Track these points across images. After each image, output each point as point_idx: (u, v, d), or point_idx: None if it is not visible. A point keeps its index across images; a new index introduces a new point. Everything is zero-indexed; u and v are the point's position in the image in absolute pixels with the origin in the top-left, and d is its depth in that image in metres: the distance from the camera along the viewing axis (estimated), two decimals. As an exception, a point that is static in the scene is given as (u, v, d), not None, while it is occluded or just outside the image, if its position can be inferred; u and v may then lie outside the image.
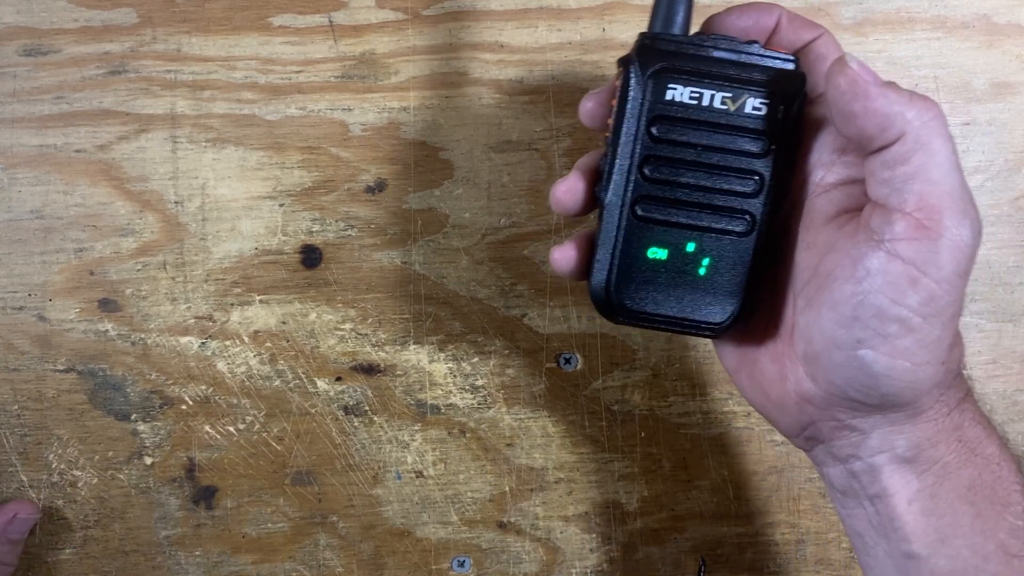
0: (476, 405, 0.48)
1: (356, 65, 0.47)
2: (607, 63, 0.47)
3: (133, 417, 0.48)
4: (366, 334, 0.48)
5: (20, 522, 0.46)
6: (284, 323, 0.48)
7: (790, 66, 0.34)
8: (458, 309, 0.48)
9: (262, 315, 0.48)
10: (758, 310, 0.36)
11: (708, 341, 0.45)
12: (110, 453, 0.48)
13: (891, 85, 0.31)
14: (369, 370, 0.48)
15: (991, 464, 0.33)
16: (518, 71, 0.47)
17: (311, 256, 0.48)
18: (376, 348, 0.48)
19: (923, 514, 0.32)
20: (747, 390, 0.37)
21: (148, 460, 0.48)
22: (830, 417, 0.33)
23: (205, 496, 0.48)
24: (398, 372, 0.48)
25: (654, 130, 0.34)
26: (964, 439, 0.33)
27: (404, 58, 0.47)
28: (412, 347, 0.48)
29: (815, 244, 0.33)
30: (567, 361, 0.48)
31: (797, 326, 0.34)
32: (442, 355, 0.48)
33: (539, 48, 0.47)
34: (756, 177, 0.35)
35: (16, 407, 0.47)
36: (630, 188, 0.34)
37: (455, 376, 0.48)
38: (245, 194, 0.47)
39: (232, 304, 0.47)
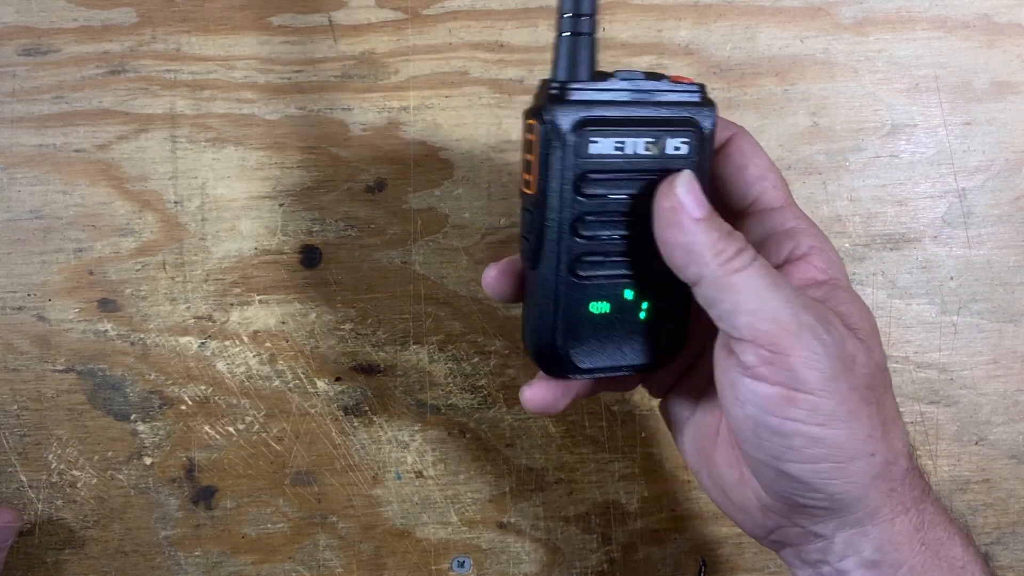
0: (476, 405, 0.48)
1: (356, 65, 0.47)
2: (607, 63, 0.47)
3: (133, 417, 0.48)
4: (366, 334, 0.48)
5: (1, 530, 0.45)
6: (284, 323, 0.48)
7: (696, 97, 0.33)
8: (458, 309, 0.48)
9: (262, 315, 0.48)
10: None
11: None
12: (109, 453, 0.48)
13: (707, 221, 0.30)
14: (369, 370, 0.48)
15: (955, 568, 0.33)
16: (518, 71, 0.47)
17: (311, 256, 0.48)
18: (376, 348, 0.48)
19: None
20: (711, 491, 0.36)
21: (148, 460, 0.48)
22: (793, 524, 0.33)
23: (205, 496, 0.48)
24: (398, 372, 0.48)
25: (583, 187, 0.32)
26: (926, 541, 0.32)
27: (404, 58, 0.47)
28: (412, 347, 0.48)
29: (716, 361, 0.33)
30: (567, 361, 0.48)
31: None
32: (442, 355, 0.48)
33: (539, 48, 0.47)
34: None
35: (16, 407, 0.47)
36: (564, 249, 0.33)
37: (455, 376, 0.48)
38: (245, 194, 0.47)
39: (232, 304, 0.47)
